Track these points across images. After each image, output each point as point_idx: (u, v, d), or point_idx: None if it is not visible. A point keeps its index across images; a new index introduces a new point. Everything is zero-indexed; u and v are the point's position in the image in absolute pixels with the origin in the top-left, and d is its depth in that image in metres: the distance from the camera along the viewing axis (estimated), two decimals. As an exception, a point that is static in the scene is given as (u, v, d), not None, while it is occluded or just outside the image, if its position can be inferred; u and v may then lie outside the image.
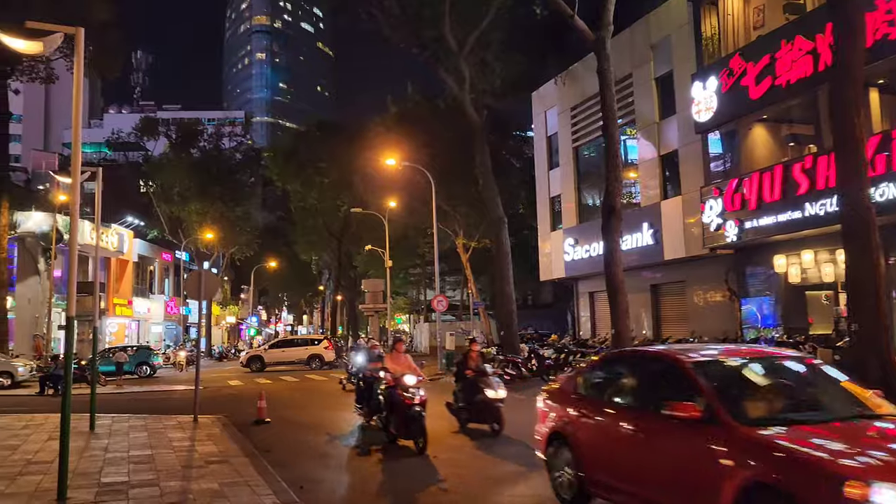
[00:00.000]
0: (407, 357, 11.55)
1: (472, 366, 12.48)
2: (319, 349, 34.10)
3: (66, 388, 7.28)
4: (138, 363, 31.02)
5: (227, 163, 51.07)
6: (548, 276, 29.40)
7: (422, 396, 10.42)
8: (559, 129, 28.00)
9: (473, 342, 13.63)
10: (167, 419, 14.14)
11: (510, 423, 11.61)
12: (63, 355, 28.12)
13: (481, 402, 11.80)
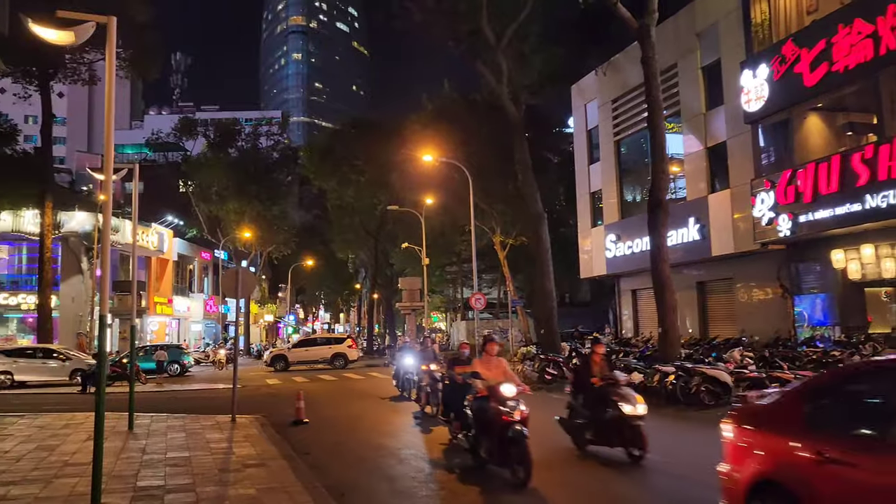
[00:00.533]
0: (502, 361, 9.23)
1: (597, 371, 10.02)
2: (343, 348, 34.01)
3: (100, 389, 7.03)
4: (169, 361, 31.17)
5: (264, 162, 51.44)
6: (588, 273, 28.72)
7: (523, 412, 8.29)
8: (600, 123, 27.29)
9: (597, 343, 11.29)
10: (205, 419, 13.98)
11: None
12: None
13: (614, 420, 9.23)
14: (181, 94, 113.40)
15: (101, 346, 7.10)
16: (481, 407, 8.59)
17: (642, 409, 9.21)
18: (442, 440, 11.13)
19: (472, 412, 9.02)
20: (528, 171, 23.92)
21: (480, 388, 8.75)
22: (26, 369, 24.84)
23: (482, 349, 9.57)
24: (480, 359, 9.44)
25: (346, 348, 33.94)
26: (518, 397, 8.43)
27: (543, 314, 22.98)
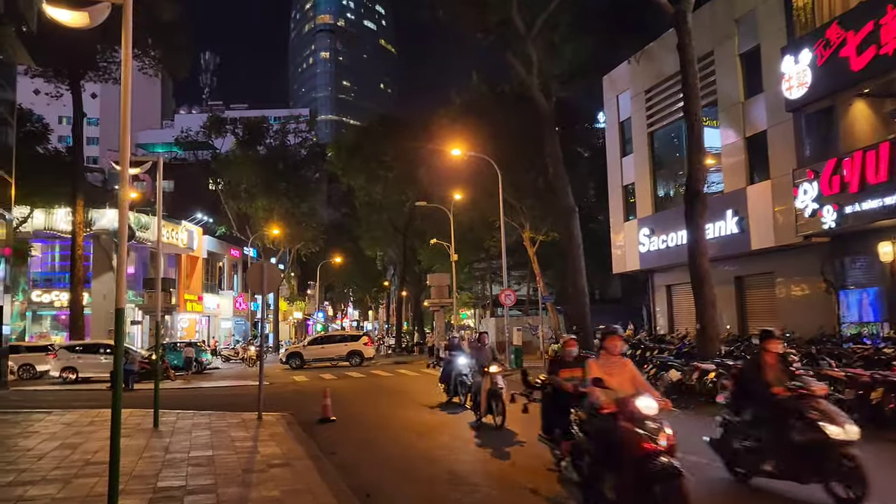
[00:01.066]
0: (628, 364, 6.75)
1: (774, 377, 7.29)
2: (359, 345, 33.65)
3: (116, 388, 6.72)
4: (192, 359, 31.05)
5: (292, 159, 51.52)
6: (621, 268, 28.04)
7: (670, 437, 5.83)
8: (632, 114, 26.59)
9: (770, 338, 7.61)
10: (232, 416, 13.74)
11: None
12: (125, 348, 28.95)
13: (811, 446, 6.69)
14: (210, 93, 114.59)
15: (119, 342, 6.79)
16: (606, 428, 6.11)
17: (854, 431, 6.55)
18: (498, 453, 10.54)
19: (588, 434, 6.54)
20: (558, 163, 23.36)
21: (604, 401, 6.17)
22: (90, 365, 25.07)
23: (600, 346, 6.88)
24: (597, 359, 6.81)
25: (361, 346, 33.60)
26: (660, 416, 5.95)
27: (577, 311, 22.41)
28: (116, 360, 6.77)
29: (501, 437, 11.05)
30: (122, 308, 6.77)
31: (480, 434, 11.57)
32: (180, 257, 44.21)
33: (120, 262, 6.99)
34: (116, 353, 6.83)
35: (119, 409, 6.70)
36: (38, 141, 33.14)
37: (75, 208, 31.75)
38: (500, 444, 10.39)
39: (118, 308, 6.76)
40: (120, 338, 6.79)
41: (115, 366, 6.81)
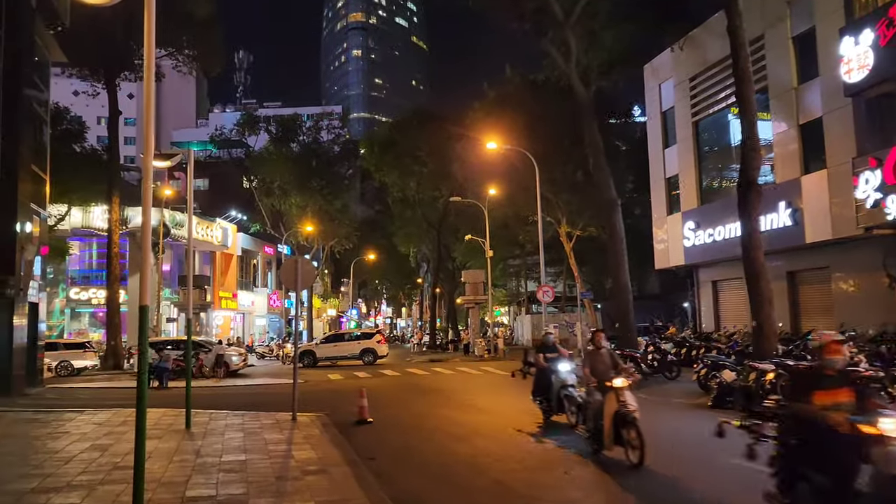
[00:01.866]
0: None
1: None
2: (372, 343, 32.62)
3: (141, 390, 6.22)
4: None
5: (325, 155, 51.32)
6: (664, 263, 27.07)
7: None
8: (676, 103, 25.60)
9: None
10: (265, 416, 13.30)
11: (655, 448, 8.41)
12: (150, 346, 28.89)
13: None
14: (244, 92, 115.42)
15: (143, 339, 6.30)
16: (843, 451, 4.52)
17: None
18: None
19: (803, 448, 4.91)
20: (599, 154, 22.51)
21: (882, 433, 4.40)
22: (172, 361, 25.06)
23: (822, 349, 5.16)
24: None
25: (375, 344, 32.63)
26: None
27: (619, 308, 21.57)
28: (141, 361, 6.27)
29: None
30: (146, 305, 6.28)
31: (543, 435, 10.94)
32: (215, 254, 44.30)
33: (144, 259, 6.52)
34: (142, 352, 6.32)
35: (143, 416, 6.20)
36: (74, 139, 33.29)
37: (111, 206, 31.82)
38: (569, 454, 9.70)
39: (142, 305, 6.27)
40: (144, 335, 6.30)
41: (139, 366, 6.31)
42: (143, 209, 6.50)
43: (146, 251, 6.56)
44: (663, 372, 19.56)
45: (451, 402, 16.27)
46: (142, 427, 6.18)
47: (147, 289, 6.39)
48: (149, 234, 6.68)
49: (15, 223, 17.00)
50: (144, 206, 6.51)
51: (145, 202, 6.52)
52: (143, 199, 6.53)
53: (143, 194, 6.53)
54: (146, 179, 6.84)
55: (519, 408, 14.76)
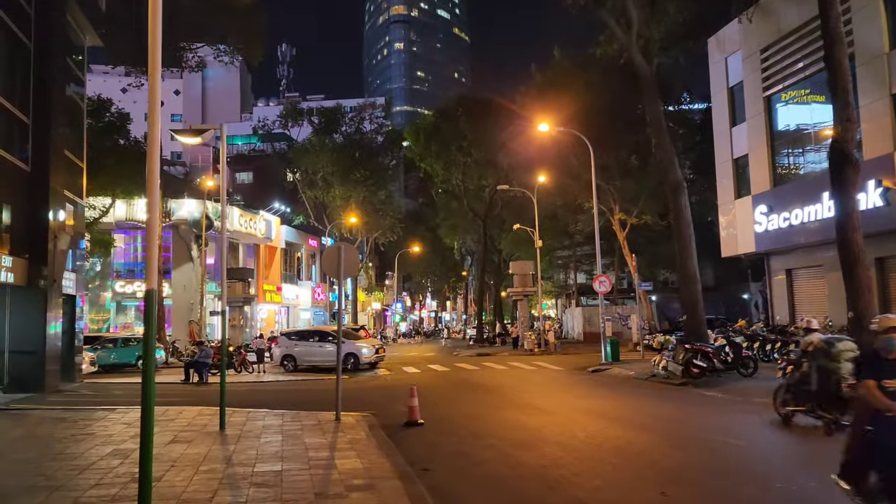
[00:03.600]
0: None
1: None
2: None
3: (147, 387, 5.04)
4: None
5: (368, 146, 50.45)
6: (731, 251, 25.15)
7: None
8: (745, 77, 23.62)
9: None
10: (307, 416, 12.16)
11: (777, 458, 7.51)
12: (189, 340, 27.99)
13: None
14: (287, 85, 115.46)
15: (149, 331, 5.12)
16: None
17: None
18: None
19: None
20: (662, 133, 20.78)
21: None
22: (307, 353, 24.69)
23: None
24: None
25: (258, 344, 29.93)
26: None
27: (687, 298, 19.83)
28: (146, 361, 5.08)
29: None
30: (153, 289, 5.09)
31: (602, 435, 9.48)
32: (259, 247, 43.73)
33: (150, 241, 5.34)
34: (147, 345, 5.13)
35: (150, 423, 5.02)
36: (117, 131, 32.87)
37: (153, 198, 31.28)
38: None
39: (149, 289, 5.09)
40: (151, 323, 5.11)
41: (144, 363, 5.11)
42: (149, 198, 5.28)
43: (152, 232, 5.37)
44: (738, 368, 17.88)
45: (507, 401, 14.92)
46: (147, 435, 5.01)
47: (154, 267, 5.21)
48: (155, 221, 5.49)
49: (47, 211, 16.23)
50: (150, 195, 5.30)
51: (150, 192, 5.31)
52: (149, 190, 5.31)
53: (148, 185, 5.31)
54: (151, 161, 5.63)
55: (582, 408, 13.36)
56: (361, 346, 24.86)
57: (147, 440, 4.99)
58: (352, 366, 23.89)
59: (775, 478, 7.47)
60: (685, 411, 13.02)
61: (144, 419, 5.00)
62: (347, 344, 23.86)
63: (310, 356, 24.84)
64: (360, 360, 24.11)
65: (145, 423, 4.98)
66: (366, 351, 24.58)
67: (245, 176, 65.03)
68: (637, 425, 11.14)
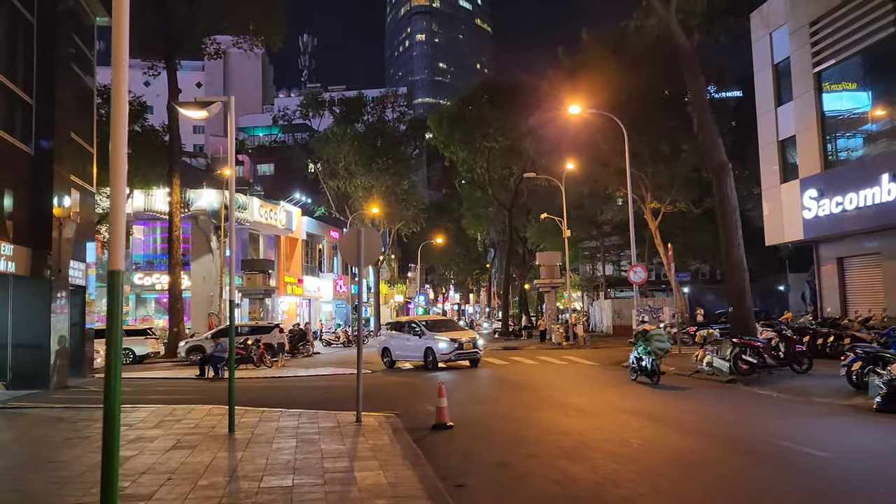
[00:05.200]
0: None
1: None
2: (271, 339, 27.23)
3: (111, 389, 3.96)
4: None
5: (391, 135, 49.41)
6: (776, 238, 23.64)
7: None
8: (792, 53, 22.06)
9: None
10: (325, 417, 11.10)
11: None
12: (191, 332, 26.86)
13: None
14: (309, 76, 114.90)
15: (113, 319, 4.04)
16: None
17: None
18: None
19: None
20: (705, 111, 19.35)
21: None
22: (398, 347, 22.65)
23: None
24: None
25: (273, 339, 27.45)
26: None
27: (733, 288, 18.42)
28: (111, 349, 4.00)
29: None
30: (117, 270, 4.00)
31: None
32: (279, 239, 42.92)
33: (115, 221, 4.23)
34: (111, 342, 4.04)
35: (114, 432, 3.95)
36: (133, 119, 32.09)
37: (172, 188, 30.57)
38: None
39: (111, 270, 4.01)
40: (115, 308, 4.02)
41: (107, 359, 4.03)
42: (113, 185, 4.17)
43: (116, 217, 4.25)
44: (791, 364, 16.47)
45: (541, 399, 13.74)
46: (110, 456, 3.93)
47: (119, 249, 4.11)
48: (118, 215, 4.36)
49: (51, 197, 15.33)
50: (114, 184, 4.19)
51: (115, 182, 4.20)
52: (112, 180, 4.20)
53: (112, 174, 4.20)
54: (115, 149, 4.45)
55: (627, 408, 12.13)
56: (440, 339, 21.10)
57: (110, 461, 3.90)
58: (431, 364, 20.85)
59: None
60: (742, 413, 11.74)
61: (107, 438, 3.92)
62: (426, 336, 21.42)
63: (399, 350, 22.43)
64: (437, 358, 20.71)
65: (108, 445, 3.90)
66: (443, 346, 20.74)
67: (266, 167, 64.41)
68: (694, 430, 9.91)
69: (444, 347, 20.73)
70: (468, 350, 21.09)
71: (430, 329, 21.79)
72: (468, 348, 21.07)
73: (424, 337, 21.43)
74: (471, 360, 21.41)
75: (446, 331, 21.98)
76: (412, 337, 21.91)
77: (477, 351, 21.39)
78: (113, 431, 3.93)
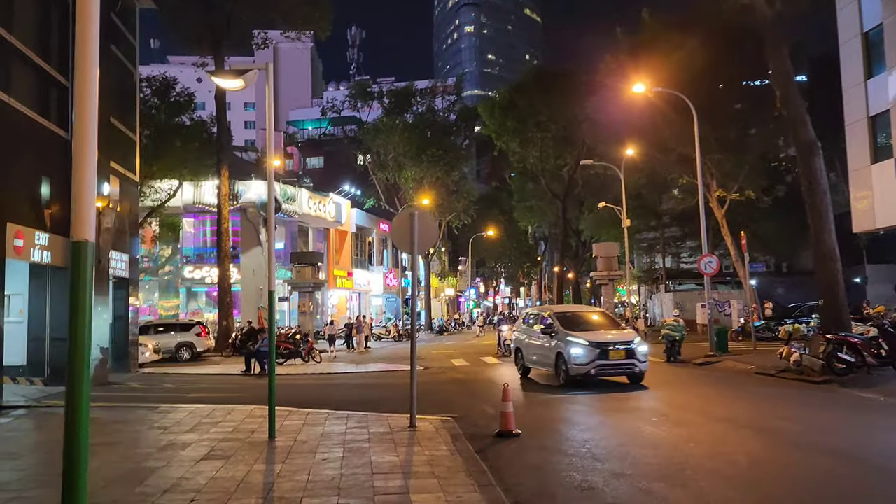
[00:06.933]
0: None
1: None
2: (190, 336, 26.60)
3: (73, 397, 2.84)
4: None
5: (441, 125, 48.28)
6: (867, 225, 21.58)
7: None
8: (885, 19, 19.98)
9: None
10: (376, 420, 9.98)
11: None
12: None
13: None
14: (357, 69, 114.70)
15: (75, 315, 2.92)
16: None
17: None
18: None
19: None
20: (790, 85, 17.51)
21: None
22: (528, 348, 21.23)
23: None
24: None
25: (194, 337, 26.75)
26: None
27: (825, 279, 16.58)
28: (75, 352, 2.87)
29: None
30: (83, 241, 2.85)
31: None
32: (329, 231, 42.25)
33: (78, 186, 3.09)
34: (74, 343, 2.92)
35: (84, 432, 2.83)
36: (182, 111, 31.71)
37: (220, 180, 30.03)
38: None
39: (75, 241, 2.85)
40: (80, 283, 2.88)
41: (69, 354, 2.91)
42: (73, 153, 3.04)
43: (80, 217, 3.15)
44: (894, 363, 14.67)
45: (613, 401, 12.33)
46: (75, 443, 2.81)
47: (85, 196, 2.98)
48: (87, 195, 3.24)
49: (89, 183, 14.57)
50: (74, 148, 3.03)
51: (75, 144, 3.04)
52: (73, 142, 3.05)
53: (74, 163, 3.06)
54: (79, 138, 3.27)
55: (717, 415, 10.62)
56: (573, 341, 14.37)
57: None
58: (563, 377, 14.40)
59: None
60: (851, 421, 10.17)
61: (70, 456, 2.80)
62: (557, 337, 14.98)
63: (531, 353, 16.42)
64: (568, 369, 14.19)
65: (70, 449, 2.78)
66: (576, 352, 14.12)
67: (316, 160, 64.09)
68: (805, 442, 8.41)
69: (578, 355, 14.09)
70: (618, 360, 14.13)
71: (562, 324, 15.27)
72: (618, 357, 14.11)
73: (556, 337, 15.02)
74: (626, 376, 14.52)
75: (585, 328, 15.17)
76: (541, 336, 15.76)
77: (633, 363, 14.16)
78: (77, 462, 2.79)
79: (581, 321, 15.75)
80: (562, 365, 14.42)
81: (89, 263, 2.89)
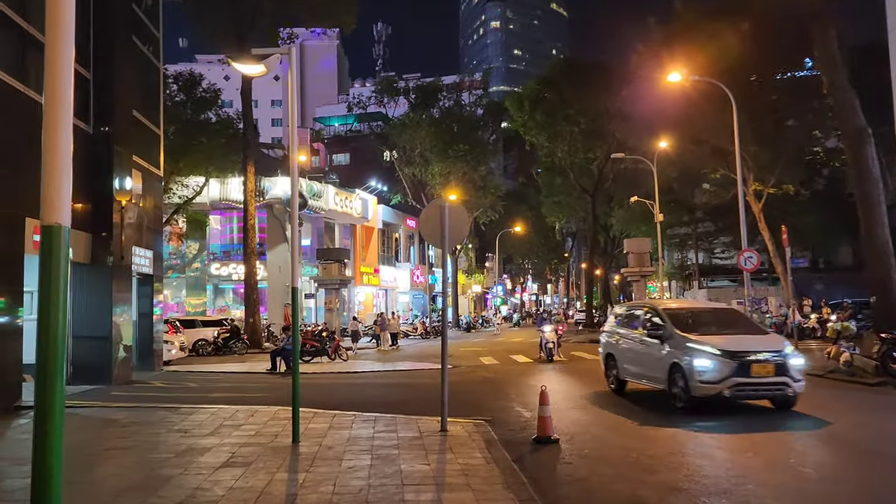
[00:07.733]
0: None
1: None
2: None
3: (44, 400, 2.32)
4: None
5: (467, 120, 47.70)
6: (917, 218, 20.50)
7: None
8: (938, 1, 18.88)
9: None
10: (405, 423, 9.46)
11: None
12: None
13: None
14: (383, 65, 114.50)
15: (47, 307, 2.40)
16: None
17: None
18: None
19: None
20: (838, 70, 16.62)
21: None
22: (627, 356, 20.76)
23: None
24: None
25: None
26: None
27: (877, 275, 15.69)
28: (47, 345, 2.35)
29: None
30: (55, 225, 2.32)
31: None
32: (355, 228, 41.93)
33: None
34: (47, 339, 2.39)
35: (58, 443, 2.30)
36: (208, 106, 31.53)
37: (246, 176, 29.81)
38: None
39: (45, 225, 2.33)
40: (52, 270, 2.35)
41: (38, 353, 2.38)
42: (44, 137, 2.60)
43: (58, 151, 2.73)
44: (958, 364, 13.79)
45: (653, 402, 11.62)
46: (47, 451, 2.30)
47: (57, 172, 2.47)
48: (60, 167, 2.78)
49: (111, 178, 14.28)
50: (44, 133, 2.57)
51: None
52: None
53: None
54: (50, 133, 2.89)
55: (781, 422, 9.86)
56: (698, 348, 10.35)
57: None
58: (682, 398, 10.46)
59: None
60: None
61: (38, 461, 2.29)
62: (672, 342, 11.00)
63: (629, 362, 12.61)
64: (689, 387, 10.25)
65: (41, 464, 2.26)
66: (702, 365, 10.08)
67: (342, 157, 63.86)
68: (882, 451, 7.69)
69: (706, 368, 10.12)
70: (764, 377, 10.09)
71: (677, 325, 11.30)
72: (764, 373, 10.08)
73: (670, 343, 11.09)
74: (772, 401, 10.61)
75: (710, 331, 11.12)
76: (647, 339, 11.82)
77: (785, 382, 10.07)
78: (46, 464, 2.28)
79: (703, 321, 11.71)
80: (678, 381, 10.53)
81: (62, 249, 2.38)
